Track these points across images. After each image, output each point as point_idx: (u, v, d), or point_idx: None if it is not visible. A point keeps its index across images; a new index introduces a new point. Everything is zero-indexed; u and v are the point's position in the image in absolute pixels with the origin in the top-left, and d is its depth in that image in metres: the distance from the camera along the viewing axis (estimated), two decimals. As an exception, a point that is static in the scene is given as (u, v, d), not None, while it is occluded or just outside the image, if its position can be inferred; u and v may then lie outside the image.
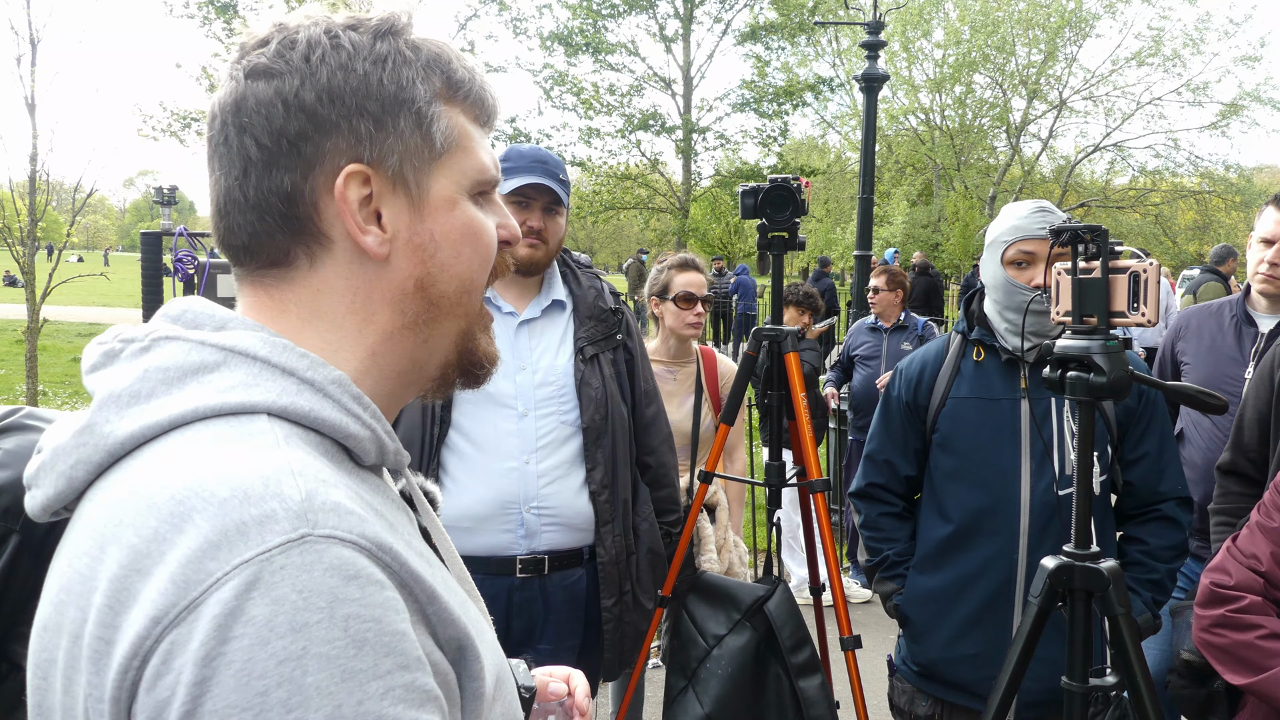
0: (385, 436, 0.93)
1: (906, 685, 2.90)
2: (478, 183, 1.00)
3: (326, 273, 0.95)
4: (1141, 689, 2.09)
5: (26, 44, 8.57)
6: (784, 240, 3.11)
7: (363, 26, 0.95)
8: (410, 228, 0.95)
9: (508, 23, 26.55)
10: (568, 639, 2.79)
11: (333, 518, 0.76)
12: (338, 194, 0.92)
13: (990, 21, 33.93)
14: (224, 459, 0.79)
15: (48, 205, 8.47)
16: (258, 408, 0.85)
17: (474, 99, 1.01)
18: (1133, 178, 38.71)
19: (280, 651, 0.70)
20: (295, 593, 0.72)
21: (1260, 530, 2.20)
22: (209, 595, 0.71)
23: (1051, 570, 2.15)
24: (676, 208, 29.46)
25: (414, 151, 0.95)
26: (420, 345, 0.99)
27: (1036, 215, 2.65)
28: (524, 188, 2.71)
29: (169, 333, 0.90)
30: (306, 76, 0.91)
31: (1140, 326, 2.03)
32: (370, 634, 0.74)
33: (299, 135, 0.91)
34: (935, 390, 2.81)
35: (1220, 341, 3.46)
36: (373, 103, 0.93)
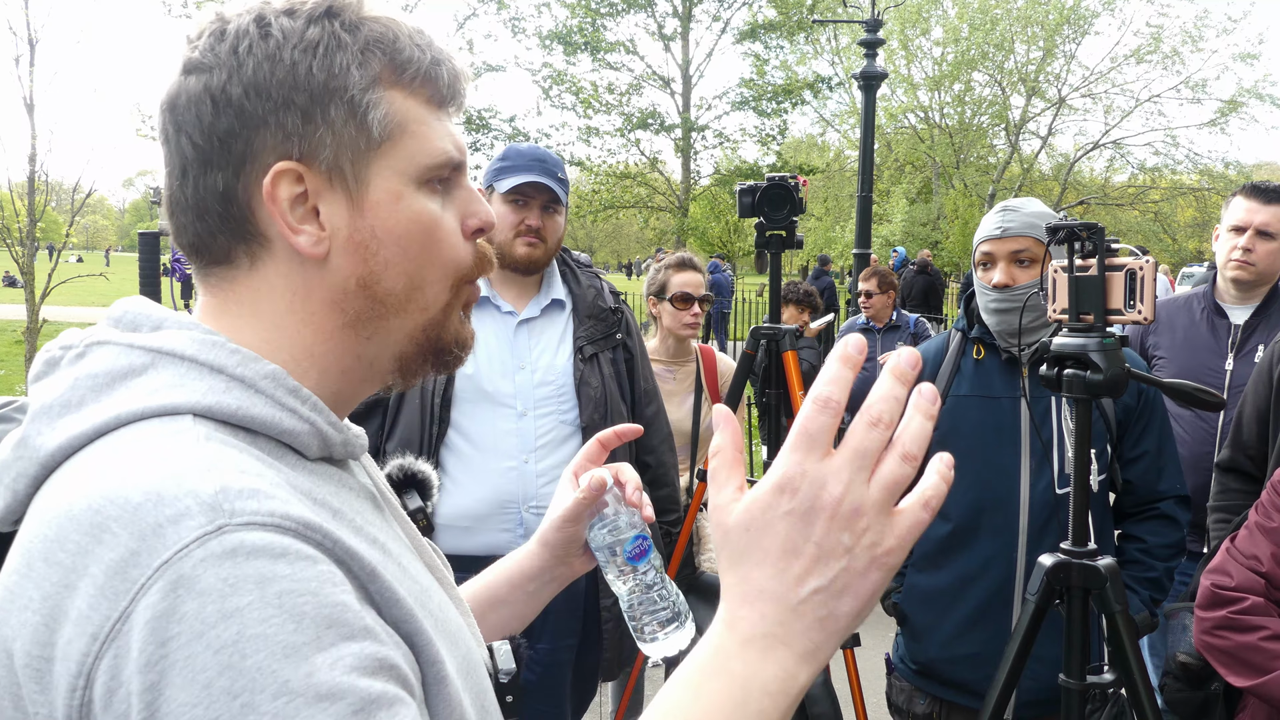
0: (327, 428, 0.90)
1: (905, 684, 2.90)
2: (428, 169, 0.94)
3: (266, 272, 0.92)
4: (1139, 686, 2.09)
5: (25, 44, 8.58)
6: (782, 239, 3.11)
7: (298, 11, 0.90)
8: (350, 225, 0.91)
9: (506, 22, 26.50)
10: (566, 638, 2.79)
11: (250, 503, 0.74)
12: (266, 194, 0.88)
13: (989, 19, 33.93)
14: (139, 464, 0.76)
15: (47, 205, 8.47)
16: (181, 409, 0.82)
17: (425, 78, 0.94)
18: (1132, 175, 38.73)
19: (215, 641, 0.69)
20: (220, 581, 0.70)
21: (1260, 530, 2.19)
22: (137, 602, 0.70)
23: (1049, 568, 2.15)
24: (675, 206, 29.47)
25: (349, 143, 0.90)
26: (365, 342, 0.95)
27: (995, 216, 2.69)
28: (522, 186, 2.71)
29: (103, 337, 0.88)
30: (233, 70, 0.88)
31: (1137, 324, 2.04)
32: (308, 606, 0.72)
33: (228, 133, 0.88)
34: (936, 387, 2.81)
35: (1194, 334, 3.46)
36: (300, 94, 0.88)
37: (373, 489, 0.98)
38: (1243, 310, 3.40)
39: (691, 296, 3.88)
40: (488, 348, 2.76)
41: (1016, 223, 2.63)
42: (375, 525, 0.90)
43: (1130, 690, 2.13)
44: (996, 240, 2.65)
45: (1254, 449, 2.85)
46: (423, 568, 0.95)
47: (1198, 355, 3.41)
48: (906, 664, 2.89)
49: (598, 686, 3.16)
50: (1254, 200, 3.39)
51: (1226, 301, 3.46)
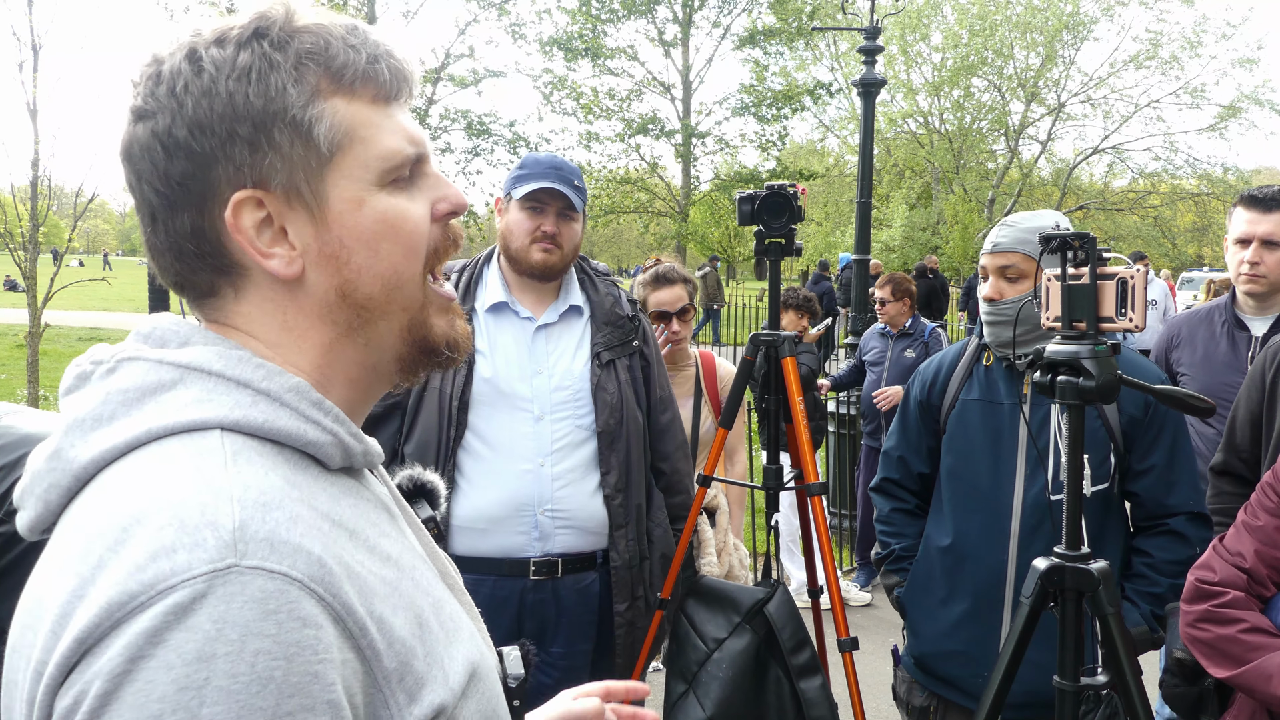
0: (349, 439, 0.93)
1: (906, 675, 2.97)
2: (387, 170, 0.94)
3: (252, 299, 0.94)
4: (1131, 688, 2.12)
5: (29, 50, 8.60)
6: (781, 246, 3.14)
7: (226, 38, 0.90)
8: (318, 239, 0.92)
9: (507, 28, 26.52)
10: (580, 642, 2.82)
11: (263, 549, 0.76)
12: (229, 224, 0.90)
13: (988, 25, 33.96)
14: (167, 483, 0.79)
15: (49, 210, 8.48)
16: (209, 424, 0.85)
17: (364, 79, 0.93)
18: (1132, 180, 38.74)
19: (181, 679, 0.71)
20: (210, 623, 0.72)
21: (1245, 529, 2.24)
22: (131, 617, 0.72)
23: (1043, 571, 2.18)
24: (676, 212, 29.48)
25: (299, 162, 0.91)
26: (364, 349, 0.97)
27: (994, 231, 2.78)
28: (537, 192, 2.76)
29: (133, 353, 0.90)
30: (175, 113, 0.88)
31: (1128, 332, 2.07)
32: (278, 673, 0.74)
33: (184, 175, 0.89)
34: (948, 391, 2.89)
35: (1214, 349, 3.46)
36: (243, 124, 0.89)
37: (388, 499, 1.00)
38: (1263, 321, 3.40)
39: (668, 314, 3.87)
40: (506, 352, 2.79)
41: (1008, 239, 2.70)
42: (389, 538, 0.93)
43: (1123, 692, 2.15)
44: (989, 255, 2.73)
45: (1247, 452, 2.87)
46: (436, 577, 0.97)
47: (1217, 371, 3.41)
48: (909, 656, 2.94)
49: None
50: (1253, 210, 3.38)
51: (1246, 313, 3.47)
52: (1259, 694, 2.06)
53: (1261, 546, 2.19)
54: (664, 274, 3.96)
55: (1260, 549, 2.18)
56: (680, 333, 3.89)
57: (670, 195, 30.14)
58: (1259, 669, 2.05)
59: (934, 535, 2.87)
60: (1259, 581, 2.17)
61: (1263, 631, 2.10)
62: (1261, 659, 2.06)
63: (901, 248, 33.44)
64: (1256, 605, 2.17)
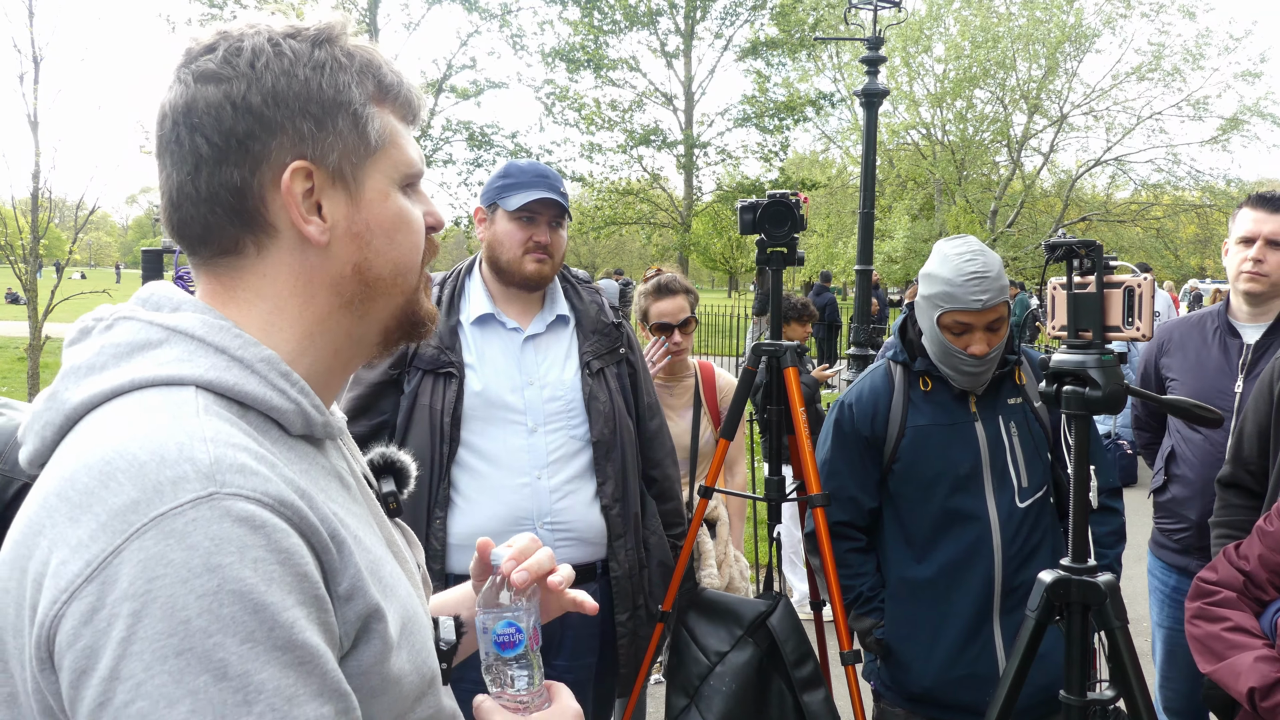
0: (312, 410, 1.04)
1: (898, 710, 2.91)
2: (406, 176, 1.11)
3: (273, 259, 1.06)
4: (1139, 702, 2.09)
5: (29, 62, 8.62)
6: (783, 255, 3.11)
7: (301, 35, 1.05)
8: (349, 218, 1.06)
9: (509, 39, 26.63)
10: (584, 655, 2.79)
11: (238, 478, 0.88)
12: (284, 188, 1.03)
13: (991, 37, 33.98)
14: (148, 425, 0.90)
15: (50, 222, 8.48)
16: (185, 380, 0.96)
17: (402, 100, 1.11)
18: (1135, 192, 38.72)
19: (199, 588, 0.83)
20: (208, 539, 0.84)
21: (1258, 533, 2.28)
22: (131, 542, 0.83)
23: (1049, 584, 2.16)
24: (678, 222, 29.53)
25: (351, 149, 1.06)
26: (358, 322, 1.11)
27: (971, 284, 2.62)
28: (530, 203, 2.72)
29: (129, 313, 1.03)
30: (253, 81, 1.01)
31: (1135, 341, 2.05)
32: (277, 574, 0.87)
33: (247, 134, 1.01)
34: (891, 421, 2.85)
35: (1205, 356, 3.43)
36: (314, 105, 1.03)
37: (343, 470, 1.11)
38: (1255, 329, 3.37)
39: (670, 325, 3.84)
40: (495, 364, 2.75)
41: (992, 291, 2.63)
42: (337, 501, 1.03)
43: (1130, 706, 2.13)
44: (976, 314, 2.66)
45: (1254, 464, 2.85)
46: (379, 541, 1.09)
47: (1208, 378, 3.39)
48: (895, 692, 2.90)
49: (614, 703, 3.16)
50: (1261, 210, 3.37)
51: (1239, 320, 3.44)
52: (1230, 690, 2.13)
53: (1266, 551, 2.23)
54: (666, 284, 3.92)
55: (1265, 554, 2.23)
56: (682, 344, 3.86)
57: (673, 206, 30.20)
58: (1231, 666, 2.12)
59: (903, 569, 2.84)
60: (1258, 585, 2.23)
61: (1244, 631, 2.17)
62: (1235, 656, 2.13)
63: (904, 259, 33.40)
64: (1250, 607, 2.22)
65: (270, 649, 0.85)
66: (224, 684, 0.82)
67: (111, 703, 0.81)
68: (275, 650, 0.85)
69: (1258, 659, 2.09)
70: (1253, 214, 3.38)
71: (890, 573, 2.87)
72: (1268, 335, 3.33)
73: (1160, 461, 3.52)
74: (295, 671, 0.87)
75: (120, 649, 0.81)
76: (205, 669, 0.82)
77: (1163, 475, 3.48)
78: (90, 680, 0.82)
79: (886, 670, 2.91)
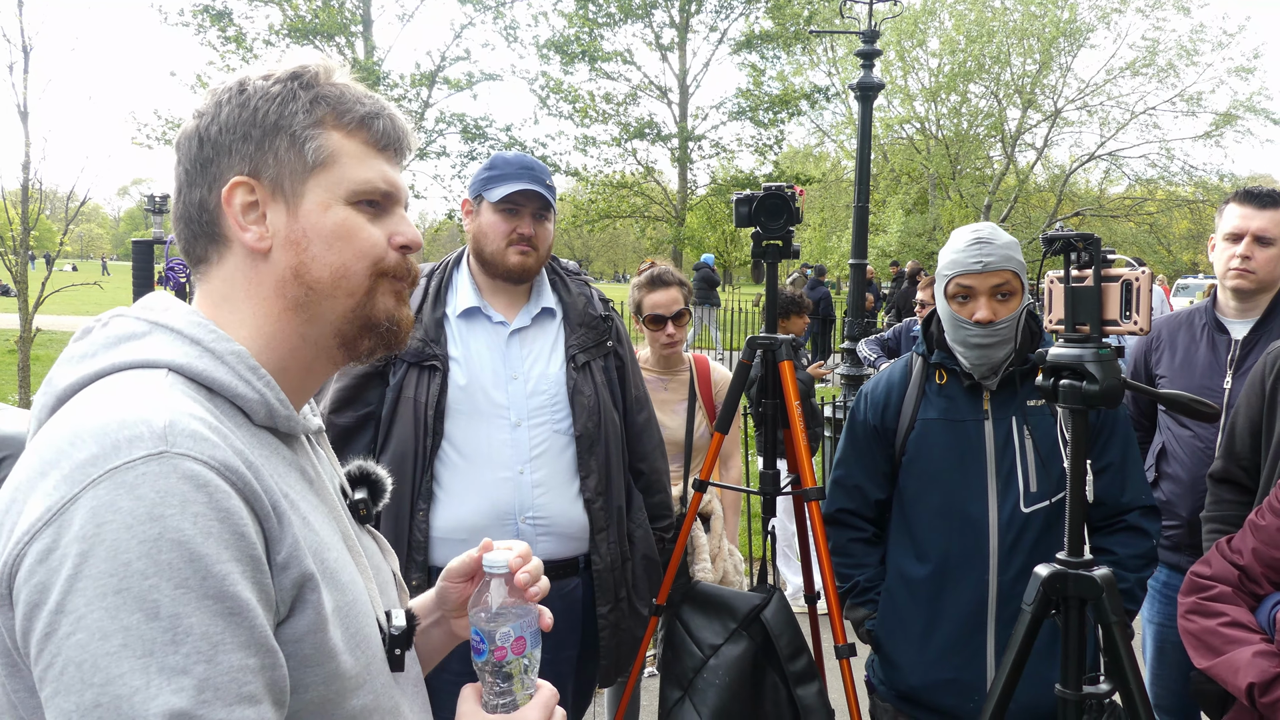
0: (275, 402, 1.15)
1: (888, 705, 2.90)
2: (355, 192, 1.21)
3: (229, 266, 1.20)
4: (1134, 696, 2.09)
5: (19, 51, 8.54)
6: (778, 249, 3.10)
7: (272, 76, 1.20)
8: (287, 226, 1.19)
9: (503, 31, 26.55)
10: (565, 649, 2.78)
11: (189, 441, 0.98)
12: (224, 199, 1.18)
13: (985, 31, 33.98)
14: (115, 398, 1.02)
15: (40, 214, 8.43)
16: (159, 363, 1.09)
17: (359, 124, 1.22)
18: (1128, 187, 38.77)
19: (141, 534, 0.92)
20: (154, 492, 0.94)
21: (1251, 527, 2.26)
22: (85, 492, 0.93)
23: (1045, 578, 2.15)
24: (672, 216, 29.50)
25: (289, 165, 1.18)
26: (306, 323, 1.21)
27: (973, 249, 2.63)
28: (513, 195, 2.70)
29: (124, 312, 1.16)
30: (214, 115, 1.19)
31: (1132, 335, 2.04)
32: (215, 529, 0.96)
33: (206, 159, 1.18)
34: (903, 412, 2.81)
35: (1194, 353, 3.41)
36: (256, 129, 1.18)
37: (308, 467, 1.22)
38: (1243, 325, 3.35)
39: (663, 317, 3.82)
40: (480, 358, 2.74)
41: (995, 256, 2.60)
42: (293, 487, 1.14)
43: (1126, 700, 2.12)
44: (977, 275, 2.62)
45: (1247, 459, 2.84)
46: (335, 534, 1.19)
47: (1197, 374, 3.37)
48: (887, 687, 2.88)
49: (594, 694, 3.15)
50: (1248, 206, 3.34)
51: (1227, 316, 3.42)
52: (1228, 686, 2.11)
53: (1261, 545, 2.22)
54: (659, 276, 3.89)
55: (1259, 547, 2.21)
56: (675, 336, 3.85)
57: (667, 199, 30.17)
58: (1229, 661, 2.10)
59: (903, 564, 2.80)
60: (1253, 579, 2.21)
61: (1242, 626, 2.14)
62: (1233, 652, 2.10)
63: (898, 253, 33.42)
64: (1246, 601, 2.20)
65: (202, 596, 0.94)
66: (155, 623, 0.91)
67: (56, 633, 0.91)
68: (207, 598, 0.94)
69: (1256, 654, 2.07)
70: (1240, 210, 3.36)
71: (891, 566, 2.85)
72: (1255, 331, 3.31)
73: (1150, 459, 3.51)
74: (224, 620, 0.95)
75: (67, 585, 0.91)
76: (139, 608, 0.91)
77: (1153, 473, 3.47)
78: (40, 613, 0.92)
79: (879, 665, 2.90)
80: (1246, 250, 3.29)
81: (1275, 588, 2.20)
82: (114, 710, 0.89)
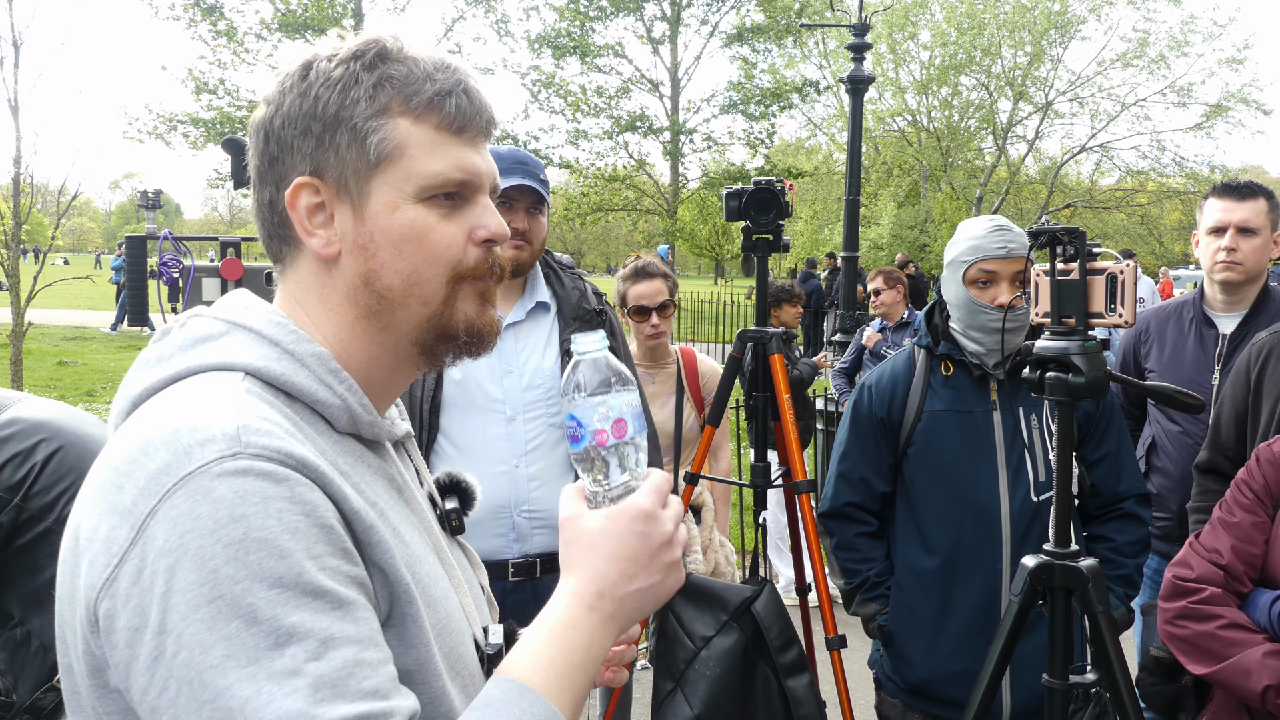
0: (358, 408, 1.08)
1: (896, 701, 2.90)
2: (425, 187, 1.08)
3: (302, 269, 1.12)
4: (1120, 686, 2.11)
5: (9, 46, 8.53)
6: (768, 242, 3.11)
7: (335, 55, 1.08)
8: (355, 230, 1.08)
9: (494, 25, 26.51)
10: None
11: (262, 439, 0.93)
12: (288, 202, 1.08)
13: (976, 24, 33.98)
14: (189, 403, 0.97)
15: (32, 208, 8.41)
16: (236, 366, 1.02)
17: (429, 107, 1.09)
18: (1119, 178, 38.82)
19: (225, 538, 0.87)
20: (232, 493, 0.89)
21: (1222, 525, 2.25)
22: (163, 503, 0.88)
23: (1032, 569, 2.17)
24: (664, 209, 29.48)
25: (351, 163, 1.07)
26: (381, 331, 1.11)
27: (995, 234, 2.68)
28: (507, 189, 2.71)
29: (202, 311, 1.10)
30: (279, 106, 1.09)
31: (1118, 327, 2.06)
32: (300, 524, 0.90)
33: (273, 156, 1.09)
34: (909, 405, 2.82)
35: (1182, 347, 3.43)
36: (316, 123, 1.07)
37: (396, 475, 1.14)
38: (1230, 319, 3.37)
39: (647, 309, 3.84)
40: None
41: (1017, 243, 2.65)
42: (383, 499, 1.07)
43: (1112, 690, 2.14)
44: (1002, 260, 2.65)
45: (1232, 450, 2.87)
46: (426, 546, 1.11)
47: (1185, 369, 3.39)
48: (895, 683, 2.89)
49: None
50: (1228, 199, 3.37)
51: (1215, 310, 3.43)
52: (1238, 690, 2.07)
53: (1238, 543, 2.20)
54: (643, 268, 3.92)
55: (1237, 545, 2.20)
56: (661, 327, 3.87)
57: (659, 193, 30.15)
58: (1237, 665, 2.06)
59: (911, 556, 2.81)
60: (1236, 578, 2.19)
61: (1241, 627, 2.11)
62: (1240, 654, 2.07)
63: (890, 245, 33.44)
64: (1234, 601, 2.18)
65: (300, 594, 0.88)
66: (255, 628, 0.86)
67: (164, 656, 0.86)
68: (305, 595, 0.88)
69: (1267, 655, 2.03)
70: (1220, 204, 3.38)
71: (899, 559, 2.86)
72: (1243, 326, 3.33)
73: (1141, 451, 3.53)
74: (328, 616, 0.89)
75: (163, 603, 0.87)
76: (235, 614, 0.86)
77: (1143, 465, 3.49)
78: (144, 637, 0.87)
79: (888, 660, 2.90)
80: (1231, 242, 3.31)
81: (1255, 584, 2.20)
82: None
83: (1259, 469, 2.25)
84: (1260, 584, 2.19)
